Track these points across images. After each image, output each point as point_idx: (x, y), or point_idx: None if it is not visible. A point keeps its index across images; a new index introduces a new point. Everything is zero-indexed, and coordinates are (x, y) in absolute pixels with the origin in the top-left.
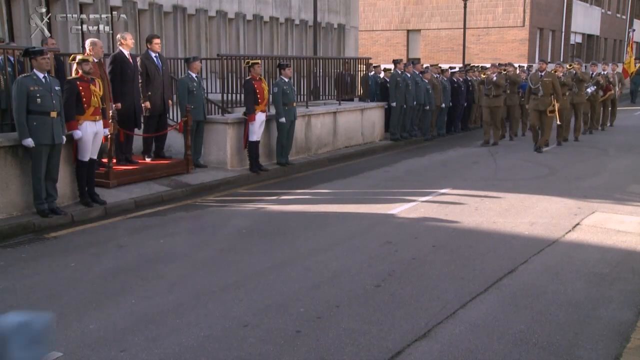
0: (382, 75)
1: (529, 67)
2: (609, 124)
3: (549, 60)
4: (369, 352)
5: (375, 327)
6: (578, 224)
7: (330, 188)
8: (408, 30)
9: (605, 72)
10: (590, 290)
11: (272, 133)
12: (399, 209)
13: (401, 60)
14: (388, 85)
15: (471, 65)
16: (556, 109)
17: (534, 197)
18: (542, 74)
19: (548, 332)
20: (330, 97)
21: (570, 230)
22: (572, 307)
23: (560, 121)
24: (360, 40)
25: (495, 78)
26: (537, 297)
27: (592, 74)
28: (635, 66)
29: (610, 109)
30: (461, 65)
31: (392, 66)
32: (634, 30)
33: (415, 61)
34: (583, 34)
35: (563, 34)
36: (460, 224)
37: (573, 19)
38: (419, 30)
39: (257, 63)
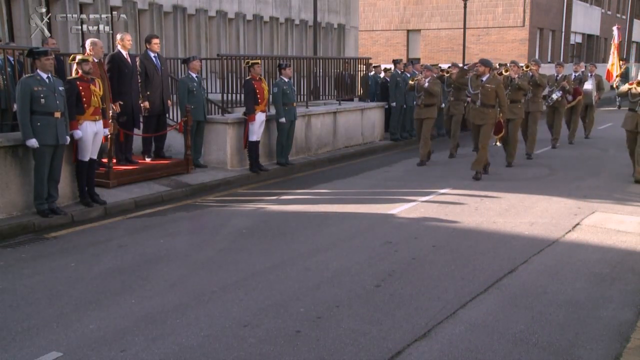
0: (382, 75)
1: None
2: (585, 135)
3: (548, 60)
4: (369, 352)
5: (375, 327)
6: (578, 224)
7: (330, 188)
8: (408, 30)
9: (577, 74)
10: (590, 290)
11: (272, 133)
12: (399, 209)
13: (401, 60)
14: (388, 85)
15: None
16: (499, 136)
17: (534, 197)
18: (484, 78)
19: (548, 332)
20: (330, 97)
21: (570, 230)
22: (572, 307)
23: (500, 141)
24: (360, 40)
25: (427, 84)
26: (537, 297)
27: (557, 76)
28: (620, 68)
29: (584, 117)
30: (461, 65)
31: (392, 66)
32: (618, 27)
33: (415, 61)
34: (583, 34)
35: (563, 34)
36: (460, 224)
37: (573, 19)
38: (419, 30)
39: (257, 63)
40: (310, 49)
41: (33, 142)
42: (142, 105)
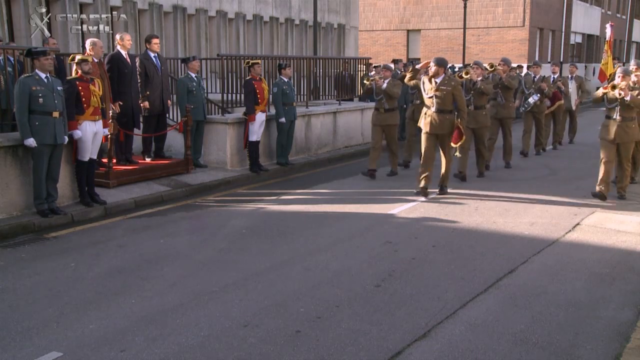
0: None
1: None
2: (568, 140)
3: (548, 60)
4: (369, 352)
5: (375, 327)
6: (578, 224)
7: (330, 188)
8: (408, 30)
9: (555, 76)
10: (590, 290)
11: (272, 133)
12: (399, 209)
13: (401, 60)
14: None
15: (471, 65)
16: (459, 144)
17: (534, 197)
18: (438, 80)
19: (548, 332)
20: (330, 97)
21: (570, 230)
22: (572, 307)
23: (459, 151)
24: (360, 40)
25: (385, 85)
26: (537, 297)
27: (534, 77)
28: (614, 67)
29: (567, 122)
30: (461, 65)
31: (392, 66)
32: (611, 25)
33: (415, 61)
34: (583, 34)
35: (563, 34)
36: (460, 224)
37: (573, 19)
38: (419, 30)
39: (257, 63)
40: (310, 49)
41: (31, 142)
42: (142, 105)
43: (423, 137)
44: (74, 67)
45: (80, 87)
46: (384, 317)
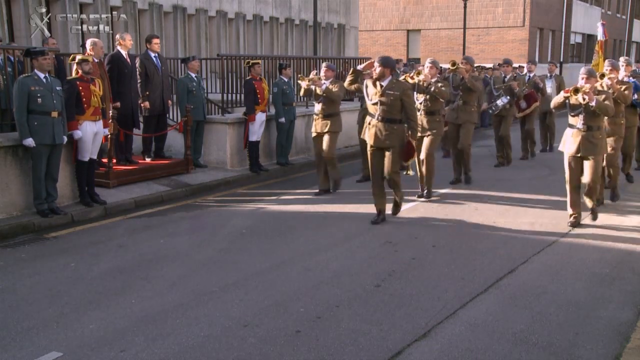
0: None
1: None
2: (547, 148)
3: (548, 60)
4: (369, 352)
5: (375, 327)
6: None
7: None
8: (408, 30)
9: (531, 75)
10: (590, 290)
11: (272, 133)
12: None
13: (401, 60)
14: None
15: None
16: (410, 161)
17: (534, 197)
18: (384, 83)
19: (548, 332)
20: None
21: (570, 230)
22: (572, 307)
23: (410, 169)
24: (360, 40)
25: (325, 86)
26: (537, 297)
27: (505, 77)
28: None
29: (545, 127)
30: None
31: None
32: (603, 23)
33: (415, 61)
34: (583, 34)
35: (563, 34)
36: (460, 224)
37: (573, 19)
38: (419, 30)
39: (257, 63)
40: (310, 49)
41: (30, 142)
42: (142, 105)
43: (368, 152)
44: (74, 67)
45: (80, 87)
46: (384, 317)
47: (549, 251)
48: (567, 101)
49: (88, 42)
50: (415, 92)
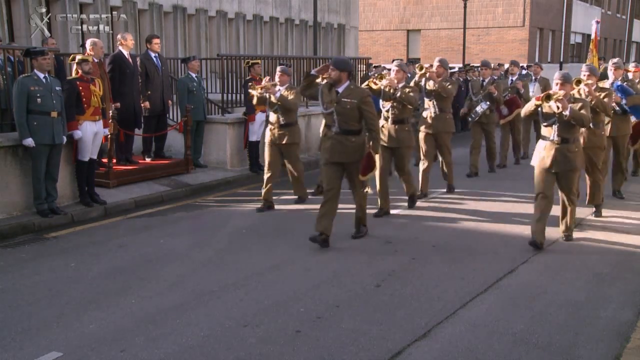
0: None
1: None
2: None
3: (548, 60)
4: (369, 352)
5: (375, 327)
6: (578, 223)
7: None
8: (408, 30)
9: (514, 78)
10: (590, 290)
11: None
12: (399, 209)
13: (401, 60)
14: None
15: (471, 65)
16: (368, 175)
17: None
18: (340, 89)
19: (548, 332)
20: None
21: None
22: (572, 307)
23: (369, 187)
24: (360, 40)
25: (279, 94)
26: (537, 297)
27: (483, 81)
28: (599, 68)
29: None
30: (461, 65)
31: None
32: (597, 22)
33: (414, 61)
34: (583, 34)
35: (563, 34)
36: (460, 224)
37: (573, 19)
38: (419, 30)
39: (257, 63)
40: (310, 49)
41: (29, 142)
42: (142, 105)
43: (323, 167)
44: (74, 67)
45: (80, 87)
46: (384, 317)
47: (549, 251)
48: (539, 110)
49: (88, 42)
50: (381, 99)
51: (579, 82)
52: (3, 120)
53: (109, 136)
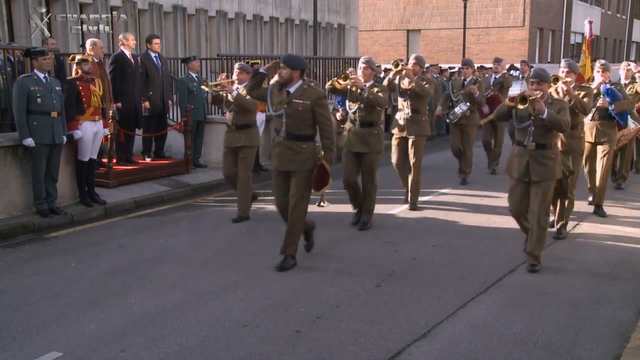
0: (382, 75)
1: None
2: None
3: (549, 60)
4: (369, 352)
5: (375, 327)
6: (578, 224)
7: (330, 188)
8: (408, 30)
9: (497, 76)
10: (590, 290)
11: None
12: (399, 209)
13: (401, 60)
14: None
15: (481, 65)
16: (322, 190)
17: None
18: (292, 89)
19: (548, 332)
20: (330, 97)
21: (570, 230)
22: (572, 307)
23: (324, 201)
24: (360, 40)
25: (236, 92)
26: (537, 297)
27: (464, 80)
28: (592, 70)
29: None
30: (461, 65)
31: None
32: (590, 21)
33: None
34: (583, 34)
35: (563, 34)
36: (460, 224)
37: (573, 19)
38: (419, 30)
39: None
40: (310, 49)
41: (29, 142)
42: (143, 105)
43: (273, 180)
44: (74, 67)
45: (80, 87)
46: (384, 317)
47: (549, 251)
48: (513, 112)
49: (88, 42)
50: (347, 100)
51: (556, 79)
52: (3, 120)
53: (109, 136)
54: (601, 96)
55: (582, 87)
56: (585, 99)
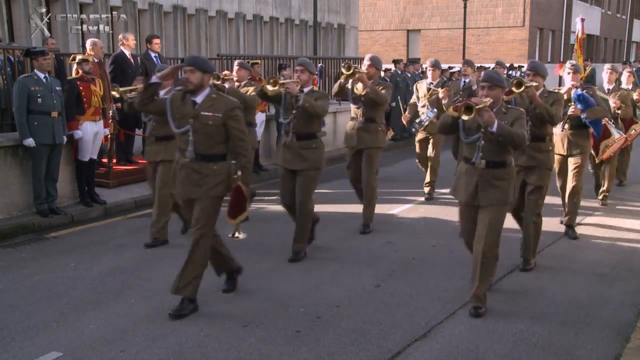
0: (382, 75)
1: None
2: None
3: (549, 60)
4: (369, 352)
5: (375, 327)
6: (578, 223)
7: (330, 188)
8: (408, 30)
9: (467, 80)
10: (590, 290)
11: (272, 133)
12: (399, 209)
13: (401, 60)
14: None
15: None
16: (239, 218)
17: None
18: (198, 99)
19: (548, 332)
20: (330, 97)
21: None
22: (572, 307)
23: (239, 233)
24: (360, 40)
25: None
26: (537, 297)
27: (431, 84)
28: (585, 70)
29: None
30: (461, 65)
31: (392, 66)
32: (583, 20)
33: (415, 61)
34: (575, 32)
35: (563, 34)
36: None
37: (573, 19)
38: (419, 30)
39: (257, 63)
40: (310, 49)
41: (30, 142)
42: None
43: (182, 210)
44: (75, 67)
45: (80, 87)
46: (384, 317)
47: (549, 251)
48: (460, 122)
49: (88, 42)
50: (280, 109)
51: (519, 84)
52: (3, 120)
53: (109, 136)
54: (572, 103)
55: (551, 92)
56: (553, 107)
